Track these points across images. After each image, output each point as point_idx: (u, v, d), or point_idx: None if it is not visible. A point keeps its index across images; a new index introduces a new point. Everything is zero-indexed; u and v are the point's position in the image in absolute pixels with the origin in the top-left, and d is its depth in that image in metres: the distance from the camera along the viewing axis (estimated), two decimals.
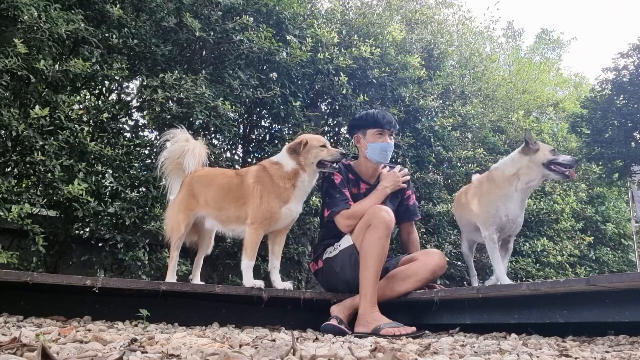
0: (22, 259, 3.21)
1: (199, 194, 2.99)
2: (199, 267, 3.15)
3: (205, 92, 3.60)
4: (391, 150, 3.11)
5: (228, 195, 2.93)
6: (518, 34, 18.95)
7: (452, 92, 5.70)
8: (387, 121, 3.08)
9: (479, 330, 2.61)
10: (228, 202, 2.92)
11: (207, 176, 3.04)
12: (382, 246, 2.77)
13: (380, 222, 2.78)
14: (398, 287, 2.88)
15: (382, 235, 2.77)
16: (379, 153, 3.05)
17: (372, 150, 3.06)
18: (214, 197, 2.96)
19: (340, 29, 4.72)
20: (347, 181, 3.11)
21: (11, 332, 1.83)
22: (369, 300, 2.72)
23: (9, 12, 3.03)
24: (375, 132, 3.07)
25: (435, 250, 3.09)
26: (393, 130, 3.11)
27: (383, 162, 3.12)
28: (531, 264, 5.53)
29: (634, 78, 5.86)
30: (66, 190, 3.11)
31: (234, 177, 2.98)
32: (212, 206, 2.96)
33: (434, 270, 2.91)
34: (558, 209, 6.00)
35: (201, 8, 3.88)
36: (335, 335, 2.51)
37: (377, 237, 2.76)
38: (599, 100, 6.08)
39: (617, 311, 2.16)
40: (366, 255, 2.79)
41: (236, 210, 2.90)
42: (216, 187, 2.97)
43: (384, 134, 3.06)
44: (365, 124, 3.10)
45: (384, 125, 3.06)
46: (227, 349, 1.52)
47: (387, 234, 2.79)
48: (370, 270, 2.76)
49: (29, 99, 3.27)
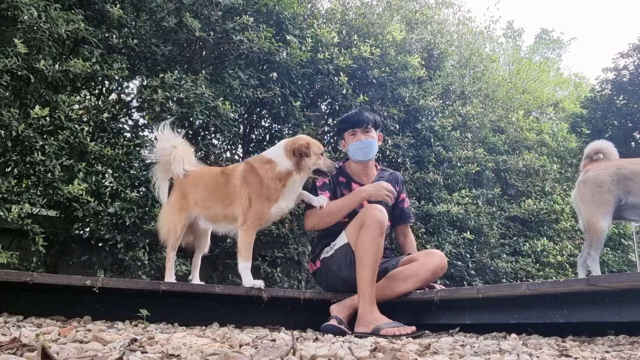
0: (22, 259, 3.21)
1: (188, 193, 2.98)
2: (197, 267, 3.15)
3: (205, 92, 3.60)
4: (368, 147, 3.09)
5: (214, 194, 2.93)
6: (518, 34, 18.97)
7: (452, 92, 5.70)
8: (356, 120, 3.10)
9: (479, 330, 2.61)
10: (214, 202, 2.92)
11: (195, 176, 3.02)
12: (377, 245, 2.77)
13: (373, 221, 2.77)
14: (398, 287, 2.88)
15: (376, 234, 2.76)
16: (357, 152, 3.10)
17: (351, 152, 3.12)
18: (202, 197, 2.95)
19: (340, 29, 4.72)
20: (336, 184, 3.13)
21: (11, 332, 1.83)
22: (368, 300, 2.72)
23: (9, 12, 3.03)
24: (349, 134, 3.14)
25: (436, 250, 3.08)
26: (366, 126, 3.10)
27: (365, 159, 3.12)
28: (531, 264, 5.53)
29: (634, 78, 5.87)
30: (66, 190, 3.11)
31: (219, 175, 2.96)
32: (201, 205, 2.96)
33: (434, 271, 2.91)
34: (558, 209, 6.00)
35: (201, 8, 3.88)
36: (335, 335, 2.51)
37: (371, 237, 2.76)
38: (599, 100, 6.09)
39: (617, 311, 2.16)
40: (362, 255, 2.78)
41: (223, 209, 2.89)
42: (203, 187, 2.97)
43: (356, 133, 3.10)
44: (341, 127, 3.21)
45: (354, 125, 3.10)
46: (227, 349, 1.52)
47: (380, 233, 2.78)
48: (366, 270, 2.75)
49: (29, 99, 3.27)
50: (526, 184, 6.08)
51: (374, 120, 3.15)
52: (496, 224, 5.43)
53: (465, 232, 4.93)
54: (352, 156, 3.14)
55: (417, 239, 4.69)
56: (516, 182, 5.96)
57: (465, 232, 4.94)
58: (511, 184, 5.95)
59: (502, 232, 5.55)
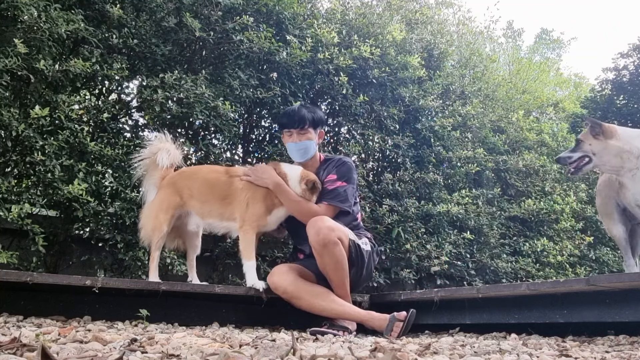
0: (22, 259, 3.20)
1: (182, 188, 3.03)
2: (193, 267, 3.18)
3: (205, 92, 3.60)
4: (303, 149, 3.05)
5: (214, 190, 2.98)
6: (518, 34, 18.96)
7: (452, 92, 5.70)
8: (292, 120, 3.02)
9: (479, 330, 2.62)
10: (213, 197, 2.97)
11: (192, 171, 3.13)
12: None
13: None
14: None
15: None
16: (293, 153, 3.09)
17: (289, 151, 3.12)
18: (199, 190, 3.00)
19: (340, 29, 4.72)
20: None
21: (11, 332, 1.83)
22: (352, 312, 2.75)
23: (9, 12, 3.03)
24: (286, 133, 3.09)
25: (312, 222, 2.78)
26: (303, 127, 3.02)
27: (301, 160, 3.09)
28: (531, 264, 5.52)
29: (634, 78, 5.87)
30: (66, 190, 3.11)
31: (222, 174, 3.02)
32: (197, 198, 3.00)
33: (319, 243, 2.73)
34: (558, 209, 5.99)
35: (201, 8, 3.88)
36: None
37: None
38: (599, 100, 6.09)
39: (617, 311, 2.17)
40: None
41: (220, 207, 2.95)
42: (202, 181, 3.02)
43: (292, 134, 3.05)
44: (278, 125, 3.17)
45: (289, 125, 3.03)
46: (227, 349, 1.52)
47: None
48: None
49: (29, 99, 3.26)
50: (526, 184, 6.07)
51: (312, 119, 3.04)
52: (496, 224, 5.43)
53: (465, 232, 4.93)
54: (290, 155, 3.15)
55: (417, 239, 4.70)
56: (516, 182, 5.96)
57: (465, 232, 4.93)
58: (511, 184, 5.94)
59: (502, 232, 5.55)
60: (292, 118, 3.03)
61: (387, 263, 4.62)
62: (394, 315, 2.62)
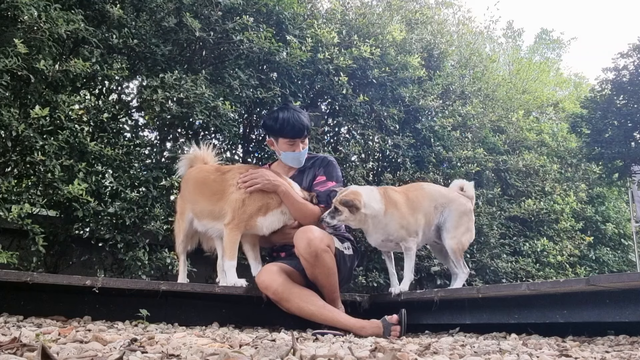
0: (22, 259, 3.21)
1: (184, 193, 3.11)
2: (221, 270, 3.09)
3: (205, 92, 3.60)
4: (304, 156, 3.12)
5: (203, 189, 2.99)
6: (518, 34, 18.96)
7: (452, 92, 5.70)
8: (296, 132, 2.97)
9: (479, 330, 2.62)
10: (202, 196, 2.98)
11: (187, 174, 3.15)
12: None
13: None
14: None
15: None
16: (294, 160, 3.11)
17: (287, 159, 3.11)
18: (191, 191, 3.04)
19: (340, 29, 4.72)
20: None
21: (11, 332, 1.83)
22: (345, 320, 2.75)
23: (9, 12, 3.03)
24: (287, 142, 3.03)
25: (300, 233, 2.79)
26: (305, 136, 3.05)
27: (299, 166, 3.15)
28: (531, 264, 5.52)
29: (634, 78, 5.87)
30: (66, 190, 3.11)
31: (211, 172, 3.03)
32: (190, 200, 3.04)
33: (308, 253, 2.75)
34: (558, 209, 5.99)
35: (201, 8, 3.88)
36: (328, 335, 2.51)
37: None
38: (599, 100, 6.09)
39: (617, 311, 2.17)
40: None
41: (209, 205, 2.93)
42: (192, 182, 3.06)
43: (295, 143, 3.02)
44: (276, 132, 3.02)
45: (295, 136, 2.99)
46: (227, 349, 1.52)
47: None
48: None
49: (29, 99, 3.26)
50: (526, 184, 6.07)
51: (308, 126, 3.06)
52: (496, 224, 5.43)
53: None
54: (286, 162, 3.13)
55: None
56: (516, 182, 5.96)
57: None
58: (511, 184, 5.95)
59: (502, 232, 5.55)
60: (295, 128, 2.96)
61: None
62: (386, 320, 2.64)
